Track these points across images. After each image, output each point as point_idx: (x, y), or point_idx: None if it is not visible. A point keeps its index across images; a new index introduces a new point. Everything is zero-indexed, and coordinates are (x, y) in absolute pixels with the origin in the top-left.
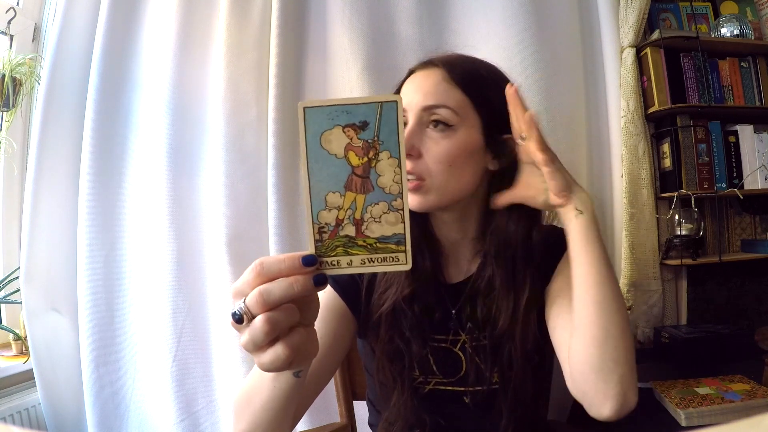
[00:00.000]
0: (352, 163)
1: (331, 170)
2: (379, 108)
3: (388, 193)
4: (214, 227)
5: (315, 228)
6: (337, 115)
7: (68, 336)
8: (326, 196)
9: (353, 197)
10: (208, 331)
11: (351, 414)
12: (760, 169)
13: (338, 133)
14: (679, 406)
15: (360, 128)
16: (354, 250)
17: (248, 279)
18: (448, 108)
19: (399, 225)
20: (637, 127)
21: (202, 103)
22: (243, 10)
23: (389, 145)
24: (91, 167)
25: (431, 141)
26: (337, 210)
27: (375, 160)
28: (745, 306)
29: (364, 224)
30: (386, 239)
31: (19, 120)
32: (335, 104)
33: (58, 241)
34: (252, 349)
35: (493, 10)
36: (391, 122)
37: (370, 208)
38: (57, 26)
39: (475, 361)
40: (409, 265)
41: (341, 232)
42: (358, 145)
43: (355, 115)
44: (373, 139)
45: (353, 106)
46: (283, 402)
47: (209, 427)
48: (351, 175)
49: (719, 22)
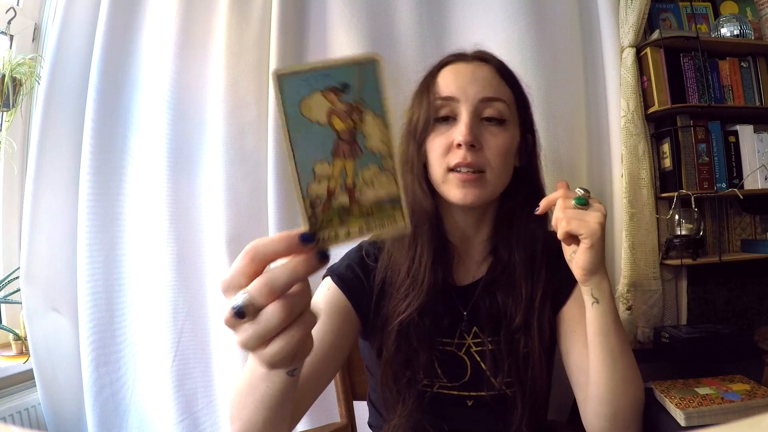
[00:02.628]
0: (336, 128)
1: (315, 139)
2: (359, 68)
3: (377, 154)
4: (214, 227)
5: (306, 203)
6: (315, 79)
7: (68, 336)
8: (314, 167)
9: (342, 164)
10: (208, 331)
11: (351, 414)
12: (760, 169)
13: (319, 99)
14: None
15: (341, 91)
16: (351, 219)
17: (240, 266)
18: (505, 102)
19: (392, 185)
20: (637, 127)
21: (202, 103)
22: (243, 10)
23: (373, 104)
24: (91, 167)
25: (489, 134)
26: (327, 180)
27: (360, 122)
28: (745, 306)
29: (357, 190)
30: (381, 202)
31: (19, 120)
32: (312, 68)
33: (58, 241)
34: (255, 345)
35: (493, 11)
36: (372, 81)
37: (361, 172)
38: (57, 26)
39: (480, 365)
40: (408, 226)
41: (335, 204)
42: (341, 109)
43: (333, 78)
44: (356, 101)
45: (331, 69)
46: (278, 402)
47: (209, 427)
48: (337, 140)
49: (719, 22)
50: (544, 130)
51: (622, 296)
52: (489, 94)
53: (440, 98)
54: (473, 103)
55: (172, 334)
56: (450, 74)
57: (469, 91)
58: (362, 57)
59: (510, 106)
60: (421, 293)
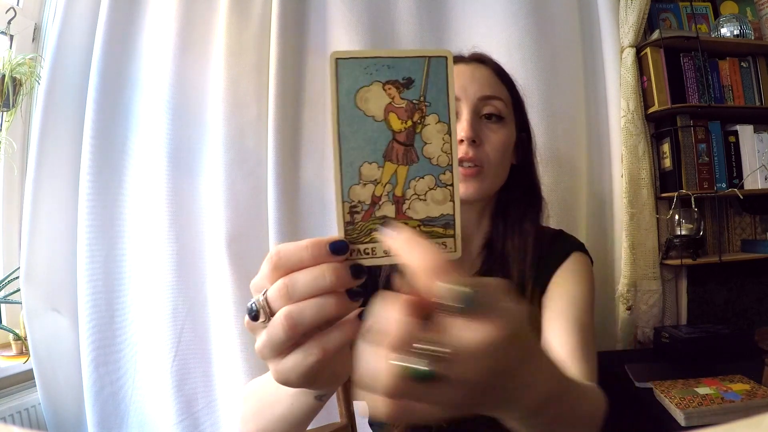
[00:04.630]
0: (393, 128)
1: (367, 135)
2: (427, 63)
3: (436, 164)
4: (214, 227)
5: (345, 207)
6: (377, 69)
7: (68, 336)
8: (360, 168)
9: (394, 169)
10: (208, 331)
11: (351, 414)
12: (760, 169)
13: (377, 91)
14: (679, 406)
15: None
16: None
17: (265, 272)
18: (502, 101)
19: (447, 204)
20: (637, 127)
21: (202, 102)
22: (243, 11)
23: (437, 107)
24: (91, 167)
25: (488, 130)
26: (374, 185)
27: (420, 125)
28: (745, 306)
29: (406, 203)
30: (432, 221)
31: (19, 120)
32: (375, 56)
33: (58, 241)
34: (269, 354)
35: (493, 11)
36: (440, 81)
37: (414, 182)
38: (57, 26)
39: None
40: (459, 253)
41: (377, 213)
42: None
43: (398, 71)
44: (419, 100)
45: (396, 60)
46: (298, 422)
47: (209, 427)
48: (392, 141)
49: (719, 22)
50: (544, 129)
51: (622, 296)
52: (488, 92)
53: None
54: (473, 101)
55: (172, 334)
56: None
57: (468, 90)
58: (431, 51)
59: (507, 105)
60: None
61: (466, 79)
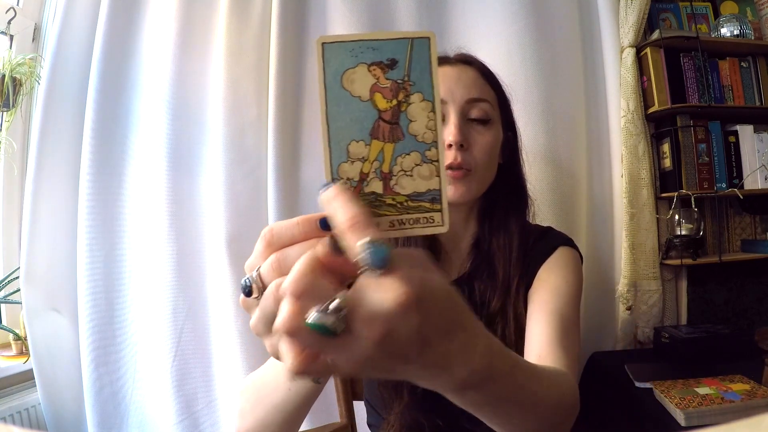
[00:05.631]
0: (378, 107)
1: (354, 115)
2: (410, 44)
3: (421, 141)
4: (214, 227)
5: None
6: (362, 51)
7: (68, 336)
8: (348, 146)
9: (380, 146)
10: (208, 331)
11: (351, 414)
12: (760, 169)
13: (363, 72)
14: (679, 406)
15: (388, 67)
16: (381, 210)
17: (259, 250)
18: (489, 103)
19: (434, 179)
20: (637, 127)
21: (202, 103)
22: (243, 11)
23: (422, 86)
24: (91, 167)
25: (476, 133)
26: (362, 162)
27: (405, 104)
28: (745, 306)
29: (394, 178)
30: (419, 196)
31: (19, 120)
32: (359, 39)
33: (58, 241)
34: (263, 329)
35: (493, 10)
36: (424, 61)
37: (401, 159)
38: (57, 26)
39: None
40: (446, 226)
41: (366, 189)
42: (385, 86)
43: (382, 52)
44: (403, 79)
45: (380, 42)
46: (297, 408)
47: (209, 427)
48: (378, 120)
49: (719, 22)
50: (544, 129)
51: (622, 296)
52: (475, 95)
53: None
54: (460, 104)
55: (172, 334)
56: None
57: (456, 93)
58: (415, 33)
59: (494, 106)
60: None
61: (452, 81)
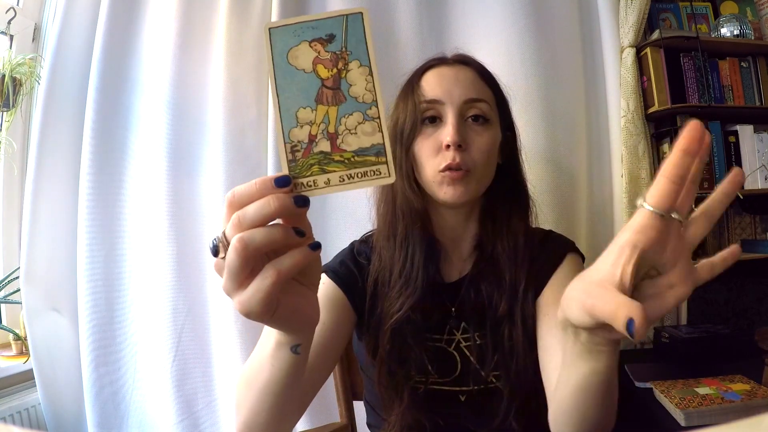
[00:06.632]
0: (321, 76)
1: (300, 85)
2: (345, 20)
3: (362, 102)
4: (214, 227)
5: (287, 147)
6: (303, 31)
7: (68, 336)
8: (297, 113)
9: (325, 110)
10: (208, 331)
11: (351, 414)
12: (760, 169)
13: (305, 48)
14: (679, 406)
15: (327, 41)
16: (330, 166)
17: (224, 212)
18: (487, 103)
19: (377, 134)
20: (637, 127)
21: (202, 103)
22: (243, 10)
23: (358, 54)
24: (91, 167)
25: (474, 133)
26: (309, 126)
27: (345, 71)
28: (745, 306)
29: (339, 137)
30: (364, 151)
31: (19, 120)
32: (300, 21)
33: (58, 241)
34: (231, 287)
35: (493, 11)
36: (358, 32)
37: (344, 119)
38: (57, 26)
39: (469, 360)
40: (393, 177)
41: (315, 149)
42: (326, 58)
43: (321, 30)
44: (341, 50)
45: (319, 21)
46: (284, 383)
47: (209, 427)
48: (321, 87)
49: (719, 22)
50: (544, 129)
51: None
52: (472, 95)
53: (426, 101)
54: (458, 104)
55: (172, 334)
56: (434, 78)
57: (453, 94)
58: (348, 10)
59: (492, 106)
60: (414, 293)
61: (450, 82)
